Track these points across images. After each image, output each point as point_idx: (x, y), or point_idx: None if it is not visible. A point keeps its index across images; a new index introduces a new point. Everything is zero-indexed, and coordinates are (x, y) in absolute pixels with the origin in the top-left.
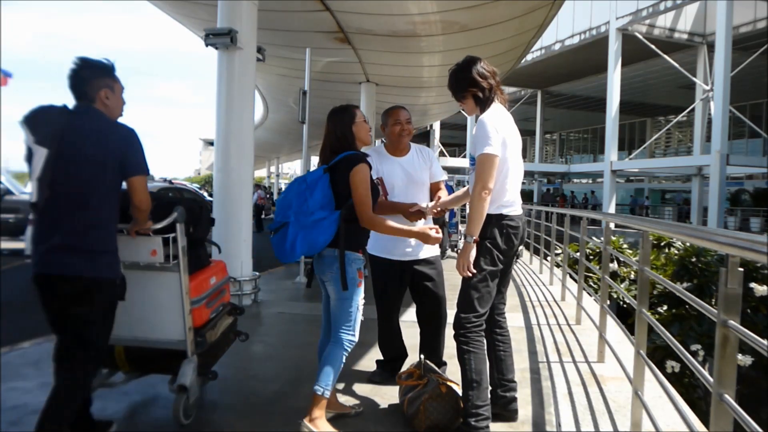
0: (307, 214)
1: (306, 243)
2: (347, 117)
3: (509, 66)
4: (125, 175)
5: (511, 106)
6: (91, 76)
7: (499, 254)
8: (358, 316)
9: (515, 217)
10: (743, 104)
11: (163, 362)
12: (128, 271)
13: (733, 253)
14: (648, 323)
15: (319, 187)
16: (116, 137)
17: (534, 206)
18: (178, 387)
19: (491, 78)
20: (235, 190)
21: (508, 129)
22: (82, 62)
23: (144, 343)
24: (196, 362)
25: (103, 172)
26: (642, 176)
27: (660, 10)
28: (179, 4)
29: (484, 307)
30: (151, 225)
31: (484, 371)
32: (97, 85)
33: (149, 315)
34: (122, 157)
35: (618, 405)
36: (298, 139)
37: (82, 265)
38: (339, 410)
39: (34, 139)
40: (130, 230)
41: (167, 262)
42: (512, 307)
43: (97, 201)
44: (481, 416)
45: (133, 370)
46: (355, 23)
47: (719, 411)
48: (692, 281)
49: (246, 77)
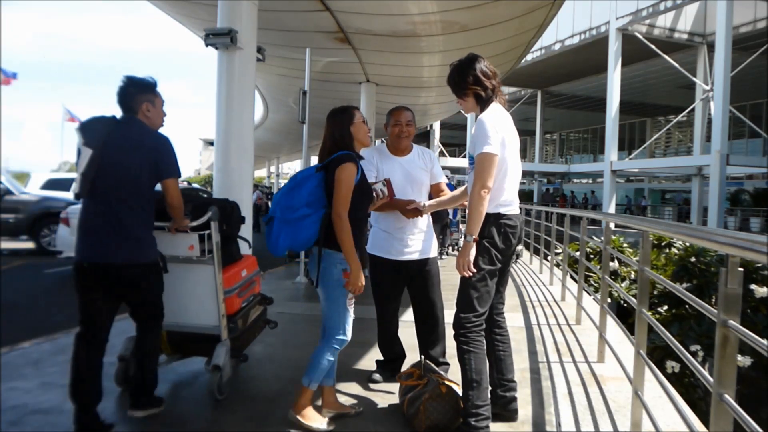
0: (291, 210)
1: (288, 238)
2: (346, 118)
3: (509, 66)
4: (159, 177)
5: (511, 106)
6: (135, 92)
7: (497, 253)
8: (346, 316)
9: (513, 216)
10: (743, 104)
11: (200, 345)
12: (169, 264)
13: (733, 253)
14: (648, 323)
15: (308, 184)
16: (152, 144)
17: (534, 206)
18: (213, 367)
19: (493, 78)
20: (235, 190)
21: (507, 129)
22: (129, 80)
23: (183, 329)
24: (229, 345)
25: (139, 173)
26: (642, 176)
27: (660, 10)
28: (179, 4)
29: (484, 307)
30: (189, 223)
31: (484, 371)
32: (140, 100)
33: (188, 303)
34: (156, 161)
35: (618, 405)
36: (298, 139)
37: (132, 253)
38: (339, 410)
39: (82, 141)
40: (170, 228)
41: (203, 256)
42: (512, 307)
43: (135, 197)
44: (481, 416)
45: (174, 352)
46: (355, 23)
47: (719, 411)
48: (692, 281)
49: (246, 77)
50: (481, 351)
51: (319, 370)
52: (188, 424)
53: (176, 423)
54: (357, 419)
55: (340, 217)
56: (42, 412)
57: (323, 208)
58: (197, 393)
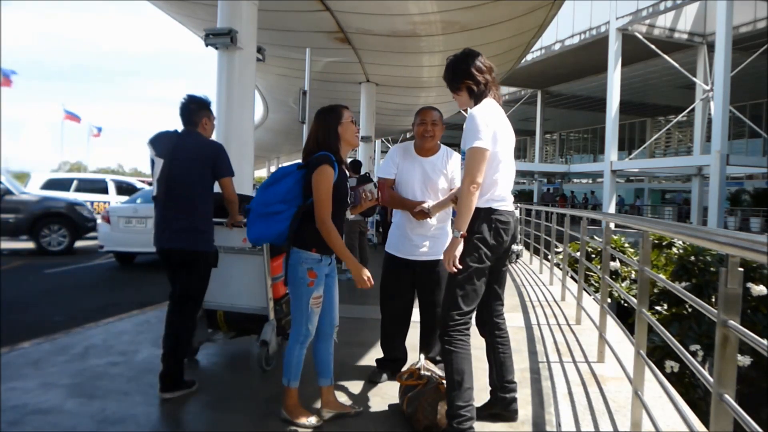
0: (264, 205)
1: (257, 231)
2: (332, 117)
3: (509, 66)
4: (216, 177)
5: (511, 106)
6: (197, 108)
7: (486, 250)
8: (309, 313)
9: (505, 212)
10: (743, 104)
11: (251, 324)
12: (225, 254)
13: (733, 253)
14: (648, 323)
15: (285, 181)
16: (209, 150)
17: (534, 206)
18: (261, 342)
19: (488, 73)
20: None
21: (499, 124)
22: (190, 98)
23: (237, 310)
24: (275, 325)
25: (201, 175)
26: (642, 176)
27: (660, 10)
28: (179, 4)
29: (469, 306)
30: (242, 219)
31: (467, 371)
32: (201, 115)
33: (241, 288)
34: (214, 164)
35: (618, 405)
36: (298, 139)
37: (191, 241)
38: (339, 410)
39: (154, 153)
40: (227, 224)
41: (254, 247)
42: (512, 307)
43: (199, 195)
44: (463, 417)
45: (229, 330)
46: (355, 23)
47: (719, 411)
48: (691, 281)
49: (246, 77)
50: (464, 351)
51: (291, 366)
52: (189, 424)
53: (177, 423)
54: (357, 419)
55: (324, 223)
56: (42, 412)
57: (296, 206)
58: (198, 393)
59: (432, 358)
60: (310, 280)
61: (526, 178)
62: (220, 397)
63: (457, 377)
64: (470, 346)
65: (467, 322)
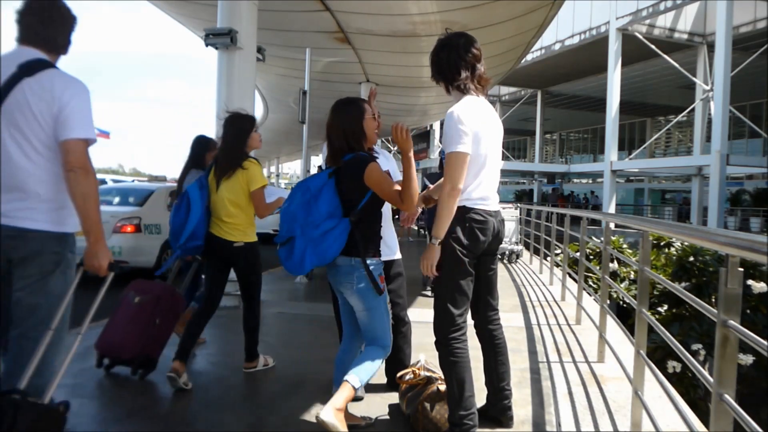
0: (314, 227)
1: (316, 256)
2: (356, 111)
3: (509, 66)
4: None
5: (511, 106)
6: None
7: (462, 249)
8: (389, 321)
9: (482, 211)
10: (743, 104)
11: None
12: None
13: (733, 253)
14: (648, 323)
15: (324, 194)
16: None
17: (534, 206)
18: None
19: (465, 70)
20: None
21: (483, 122)
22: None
23: None
24: None
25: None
26: (642, 176)
27: (660, 10)
28: (179, 4)
29: (459, 308)
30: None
31: (467, 380)
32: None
33: None
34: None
35: (618, 405)
36: (298, 139)
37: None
38: (349, 421)
39: None
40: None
41: None
42: (512, 307)
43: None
44: (465, 425)
45: None
46: (355, 23)
47: (719, 411)
48: (690, 281)
49: (246, 77)
50: (463, 360)
51: (370, 375)
52: (189, 424)
53: (177, 423)
54: (366, 430)
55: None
56: None
57: (344, 216)
58: (198, 393)
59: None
60: (383, 285)
61: (525, 178)
62: (220, 397)
63: (458, 386)
64: (468, 353)
65: (462, 328)
